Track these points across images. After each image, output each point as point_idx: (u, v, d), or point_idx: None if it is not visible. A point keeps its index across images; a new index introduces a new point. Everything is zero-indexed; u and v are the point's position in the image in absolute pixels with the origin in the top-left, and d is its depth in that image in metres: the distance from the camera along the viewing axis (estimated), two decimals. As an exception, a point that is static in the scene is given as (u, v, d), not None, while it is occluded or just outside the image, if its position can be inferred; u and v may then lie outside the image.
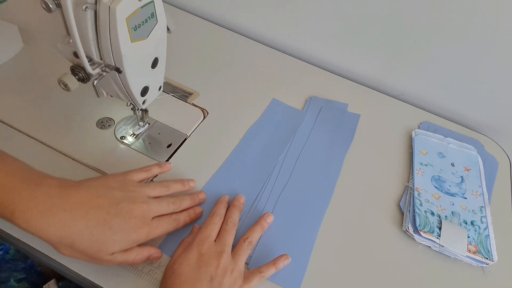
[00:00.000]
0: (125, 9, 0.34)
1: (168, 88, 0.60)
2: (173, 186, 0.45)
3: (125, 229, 0.36)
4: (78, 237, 0.34)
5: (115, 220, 0.35)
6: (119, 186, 0.39)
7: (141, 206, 0.38)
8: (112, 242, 0.35)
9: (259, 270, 0.41)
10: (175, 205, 0.43)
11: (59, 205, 0.33)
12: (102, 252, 0.35)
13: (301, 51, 0.73)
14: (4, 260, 0.45)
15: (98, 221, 0.34)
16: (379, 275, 0.45)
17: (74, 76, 0.39)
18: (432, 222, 0.49)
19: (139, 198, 0.39)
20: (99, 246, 0.35)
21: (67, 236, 0.33)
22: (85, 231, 0.34)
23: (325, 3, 0.64)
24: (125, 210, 0.36)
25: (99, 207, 0.35)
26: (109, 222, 0.35)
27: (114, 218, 0.35)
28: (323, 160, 0.55)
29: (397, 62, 0.66)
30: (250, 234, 0.44)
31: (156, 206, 0.40)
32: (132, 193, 0.39)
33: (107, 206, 0.36)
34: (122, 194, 0.38)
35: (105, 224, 0.35)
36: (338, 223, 0.49)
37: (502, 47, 0.57)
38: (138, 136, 0.53)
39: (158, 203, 0.40)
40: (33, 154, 0.49)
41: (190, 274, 0.37)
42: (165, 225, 0.40)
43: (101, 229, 0.34)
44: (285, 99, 0.63)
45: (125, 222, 0.36)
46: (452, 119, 0.67)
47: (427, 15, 0.58)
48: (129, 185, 0.40)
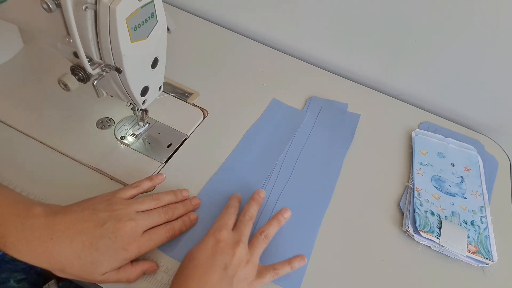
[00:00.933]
0: (125, 9, 0.34)
1: (168, 88, 0.60)
2: (164, 198, 0.43)
3: (113, 248, 0.36)
4: (67, 263, 0.35)
5: (101, 242, 0.36)
6: (105, 207, 0.39)
7: (127, 224, 0.38)
8: (101, 263, 0.36)
9: (273, 267, 0.41)
10: (168, 215, 0.42)
11: (46, 235, 0.34)
12: (93, 273, 0.36)
13: (301, 51, 0.73)
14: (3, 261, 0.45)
15: (83, 245, 0.35)
16: (379, 275, 0.45)
17: (74, 76, 0.39)
18: (432, 222, 0.49)
19: (126, 215, 0.38)
20: (89, 268, 0.35)
21: (56, 262, 0.34)
22: (72, 256, 0.35)
23: (325, 3, 0.64)
24: (110, 230, 0.37)
25: (83, 231, 0.36)
26: (95, 244, 0.35)
27: (100, 240, 0.36)
28: (323, 160, 0.55)
29: (397, 62, 0.66)
30: (267, 228, 0.43)
31: (145, 221, 0.39)
32: (118, 212, 0.38)
33: (92, 229, 0.36)
34: (107, 215, 0.38)
35: (91, 247, 0.35)
36: (338, 223, 0.49)
37: (502, 47, 0.57)
38: (138, 136, 0.53)
39: (147, 216, 0.40)
40: (33, 154, 0.49)
41: (205, 259, 0.37)
42: (157, 236, 0.40)
43: (88, 252, 0.35)
44: (285, 99, 0.63)
45: (112, 242, 0.36)
46: (452, 119, 0.67)
47: (427, 15, 0.58)
48: (115, 204, 0.39)
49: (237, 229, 0.41)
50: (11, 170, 0.47)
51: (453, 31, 0.58)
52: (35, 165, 0.48)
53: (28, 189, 0.45)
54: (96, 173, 0.49)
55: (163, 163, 0.51)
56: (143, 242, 0.38)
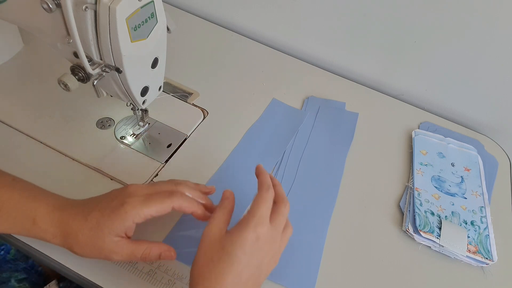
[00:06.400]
0: (125, 9, 0.34)
1: (168, 88, 0.60)
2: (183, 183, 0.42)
3: (112, 206, 0.37)
4: (78, 229, 0.36)
5: (103, 203, 0.38)
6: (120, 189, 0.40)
7: (129, 187, 0.39)
8: (103, 224, 0.36)
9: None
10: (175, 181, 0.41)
11: (69, 208, 0.38)
12: (101, 236, 0.36)
13: (301, 51, 0.73)
14: (5, 260, 0.45)
15: (91, 209, 0.37)
16: (379, 275, 0.45)
17: (74, 76, 0.39)
18: (432, 222, 0.49)
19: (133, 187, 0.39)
20: (96, 232, 0.36)
21: (71, 231, 0.36)
22: (82, 220, 0.36)
23: (325, 3, 0.64)
24: (114, 193, 0.39)
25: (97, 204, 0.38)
26: (98, 205, 0.37)
27: (102, 201, 0.38)
28: (326, 160, 0.55)
29: (397, 62, 0.66)
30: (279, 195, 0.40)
31: (148, 185, 0.40)
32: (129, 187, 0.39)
33: (104, 201, 0.38)
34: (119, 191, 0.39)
35: (95, 209, 0.37)
36: (338, 223, 0.49)
37: (502, 47, 0.57)
38: (138, 136, 0.53)
39: (150, 184, 0.40)
40: (33, 154, 0.49)
41: (241, 257, 0.34)
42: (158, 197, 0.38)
43: (93, 214, 0.37)
44: (285, 99, 0.63)
45: (111, 200, 0.37)
46: (452, 119, 0.67)
47: (427, 15, 0.58)
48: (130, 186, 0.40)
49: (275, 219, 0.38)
50: (11, 170, 0.47)
51: (453, 31, 0.58)
52: (35, 165, 0.48)
53: (28, 189, 0.45)
54: (96, 173, 0.49)
55: (163, 163, 0.51)
56: (140, 199, 0.37)
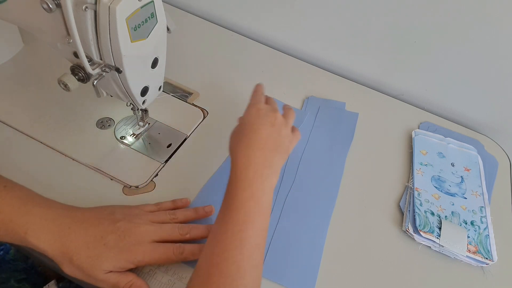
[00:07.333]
0: (125, 9, 0.34)
1: (168, 88, 0.60)
2: (181, 213, 0.43)
3: (119, 246, 0.36)
4: (76, 252, 0.36)
5: (110, 237, 0.37)
6: (122, 210, 0.40)
7: (139, 227, 0.38)
8: (105, 259, 0.36)
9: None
10: (182, 231, 0.41)
11: (65, 224, 0.36)
12: (97, 268, 0.36)
13: (302, 51, 0.73)
14: (4, 261, 0.45)
15: (95, 237, 0.36)
16: (379, 275, 0.45)
17: (74, 76, 0.39)
18: (432, 222, 0.49)
19: (139, 220, 0.39)
20: (94, 261, 0.36)
21: (68, 251, 0.35)
22: (82, 245, 0.36)
23: (325, 3, 0.64)
24: (121, 229, 0.37)
25: (98, 225, 0.37)
26: (105, 238, 0.36)
27: (109, 235, 0.37)
28: (326, 160, 0.55)
29: (397, 62, 0.66)
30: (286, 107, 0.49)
31: (156, 229, 0.39)
32: (133, 216, 0.40)
33: (106, 225, 0.37)
34: (123, 216, 0.39)
35: (100, 240, 0.36)
36: (338, 223, 0.49)
37: (502, 47, 0.57)
38: (138, 136, 0.53)
39: (159, 226, 0.40)
40: (33, 154, 0.49)
41: (253, 120, 0.42)
42: (164, 250, 0.39)
43: (96, 244, 0.36)
44: (285, 99, 0.63)
45: (120, 240, 0.37)
46: (452, 119, 0.67)
47: (427, 15, 0.58)
48: (133, 210, 0.41)
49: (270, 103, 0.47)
50: (11, 170, 0.47)
51: (453, 31, 0.58)
52: (35, 165, 0.48)
53: (28, 189, 0.45)
54: (96, 173, 0.49)
55: (163, 163, 0.51)
56: (148, 250, 0.38)
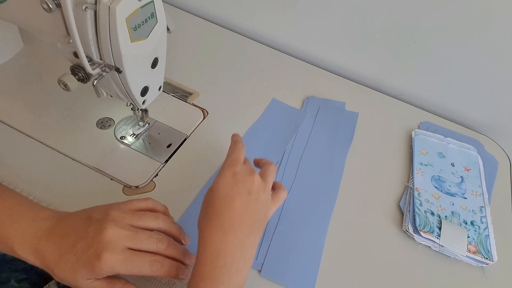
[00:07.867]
0: (125, 9, 0.34)
1: (168, 88, 0.60)
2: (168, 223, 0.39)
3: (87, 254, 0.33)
4: (55, 266, 0.33)
5: (79, 245, 0.33)
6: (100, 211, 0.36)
7: (110, 230, 0.34)
8: (77, 269, 0.33)
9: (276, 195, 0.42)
10: (161, 244, 0.36)
11: (44, 237, 0.34)
12: (77, 278, 0.33)
13: (302, 51, 0.73)
14: (4, 260, 0.45)
15: (67, 248, 0.33)
16: (378, 275, 0.45)
17: (74, 76, 0.39)
18: (432, 222, 0.49)
19: (114, 222, 0.34)
20: (70, 273, 0.33)
21: (49, 264, 0.34)
22: (57, 259, 0.33)
23: (325, 3, 0.64)
24: (91, 234, 0.34)
25: (72, 233, 0.34)
26: (75, 247, 0.33)
27: (79, 243, 0.33)
28: (325, 160, 0.55)
29: (397, 62, 0.66)
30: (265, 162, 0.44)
31: (131, 235, 0.34)
32: (109, 217, 0.35)
33: (79, 231, 0.34)
34: (98, 219, 0.35)
35: (72, 250, 0.33)
36: (338, 223, 0.49)
37: (502, 47, 0.57)
38: (138, 136, 0.53)
39: (135, 232, 0.35)
40: (33, 154, 0.49)
41: (227, 189, 0.37)
42: (139, 261, 0.34)
43: (68, 256, 0.33)
44: (285, 99, 0.63)
45: (88, 246, 0.33)
46: (452, 119, 0.67)
47: (427, 15, 0.58)
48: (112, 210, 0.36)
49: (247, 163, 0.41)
50: (11, 170, 0.47)
51: (453, 31, 0.58)
52: (35, 165, 0.48)
53: (28, 189, 0.45)
54: (96, 173, 0.49)
55: (163, 163, 0.51)
56: (119, 259, 0.33)
